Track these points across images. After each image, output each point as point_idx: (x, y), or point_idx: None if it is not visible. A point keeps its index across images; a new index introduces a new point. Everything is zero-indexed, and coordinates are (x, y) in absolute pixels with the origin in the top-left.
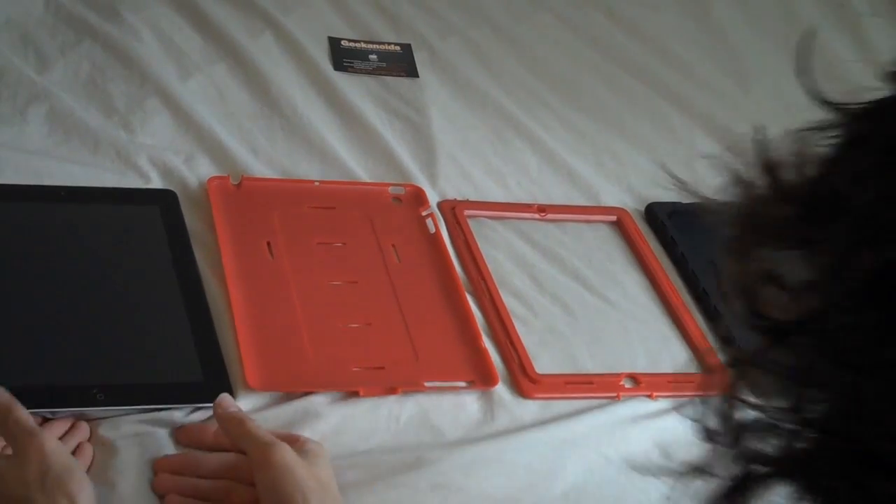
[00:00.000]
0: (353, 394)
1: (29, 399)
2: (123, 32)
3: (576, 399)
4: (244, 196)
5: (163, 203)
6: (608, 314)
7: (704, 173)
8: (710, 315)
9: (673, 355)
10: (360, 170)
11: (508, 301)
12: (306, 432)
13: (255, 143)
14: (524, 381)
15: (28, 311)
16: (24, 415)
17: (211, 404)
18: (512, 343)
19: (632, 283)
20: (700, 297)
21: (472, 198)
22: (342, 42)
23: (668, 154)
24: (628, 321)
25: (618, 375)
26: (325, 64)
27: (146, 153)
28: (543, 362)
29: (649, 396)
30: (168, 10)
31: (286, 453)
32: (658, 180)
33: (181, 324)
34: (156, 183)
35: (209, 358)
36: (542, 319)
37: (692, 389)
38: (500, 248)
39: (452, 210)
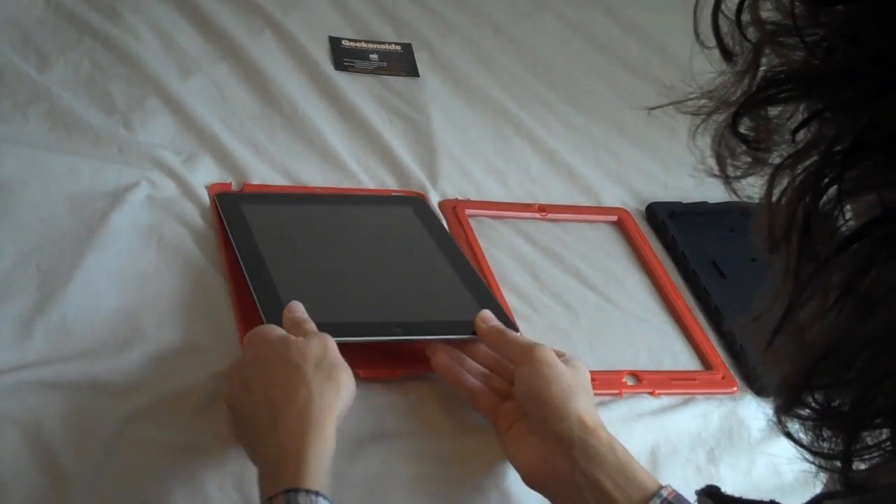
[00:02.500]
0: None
1: (349, 330)
2: (124, 32)
3: None
4: None
5: (414, 205)
6: (609, 312)
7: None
8: (711, 314)
9: (674, 353)
10: (361, 169)
11: (510, 299)
12: None
13: (256, 142)
14: None
15: (344, 278)
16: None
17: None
18: None
19: (633, 281)
20: (701, 297)
21: (473, 197)
22: (343, 42)
23: (668, 154)
24: (629, 320)
25: (619, 373)
26: (326, 63)
27: (147, 152)
28: None
29: (651, 394)
30: (168, 10)
31: (548, 352)
32: (658, 180)
33: (464, 282)
34: (156, 180)
35: (485, 300)
36: (543, 318)
37: (693, 387)
38: (501, 247)
39: (454, 209)
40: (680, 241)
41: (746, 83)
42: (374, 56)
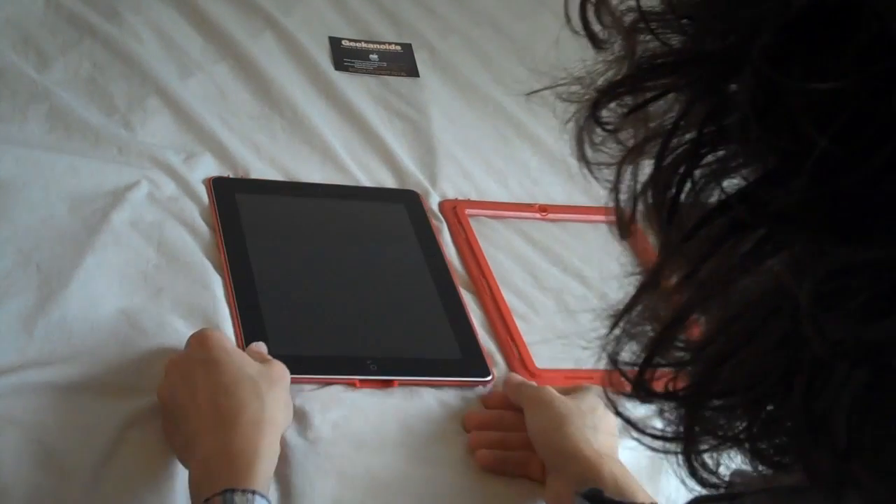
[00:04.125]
0: (350, 385)
1: (311, 367)
2: (124, 32)
3: None
4: None
5: (407, 201)
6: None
7: None
8: None
9: None
10: (361, 169)
11: (510, 299)
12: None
13: (256, 142)
14: (524, 375)
15: (308, 292)
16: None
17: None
18: (512, 338)
19: (631, 281)
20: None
21: (473, 197)
22: (343, 42)
23: None
24: None
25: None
26: (326, 64)
27: (147, 152)
28: (544, 359)
29: None
30: (168, 10)
31: (545, 393)
32: None
33: (438, 310)
34: (156, 179)
35: (465, 339)
36: (543, 317)
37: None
38: (501, 247)
39: (454, 209)
40: None
41: (620, 71)
42: (374, 56)
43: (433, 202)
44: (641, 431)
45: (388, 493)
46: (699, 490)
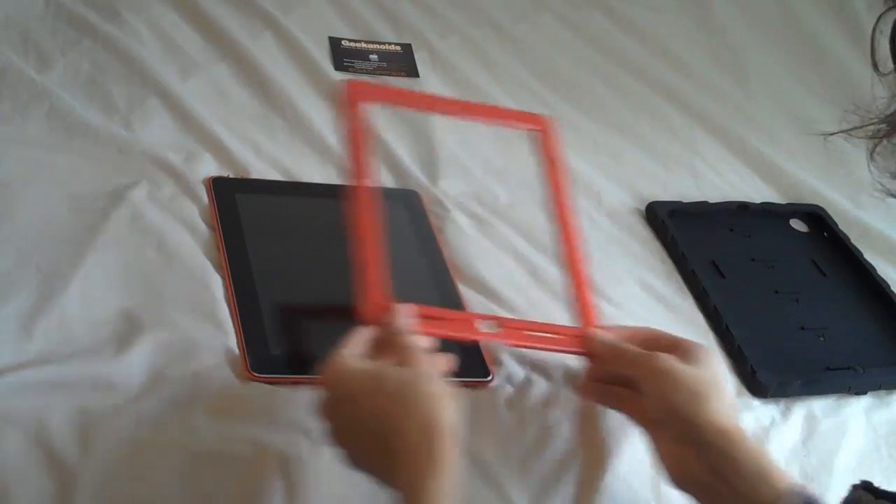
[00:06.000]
0: None
1: (311, 367)
2: (124, 32)
3: None
4: None
5: (407, 200)
6: (609, 312)
7: (705, 173)
8: (710, 314)
9: None
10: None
11: (509, 296)
12: None
13: (256, 142)
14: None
15: (308, 292)
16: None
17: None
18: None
19: (631, 281)
20: (700, 297)
21: (473, 197)
22: (343, 42)
23: (668, 154)
24: (628, 319)
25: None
26: (326, 64)
27: (147, 152)
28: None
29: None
30: (168, 10)
31: (665, 360)
32: (658, 180)
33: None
34: (156, 177)
35: None
36: (541, 315)
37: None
38: (502, 246)
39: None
40: (679, 240)
41: None
42: (374, 56)
43: (433, 201)
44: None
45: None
46: None
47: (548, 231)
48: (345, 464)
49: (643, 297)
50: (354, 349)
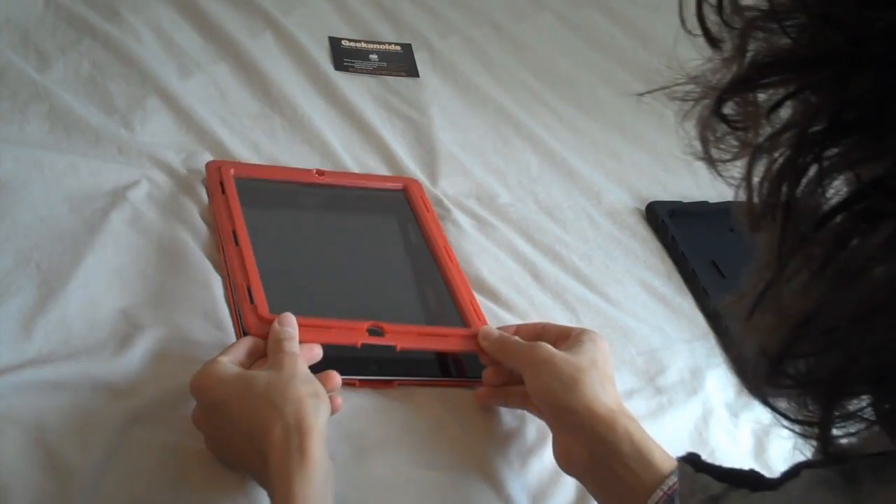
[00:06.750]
0: (350, 385)
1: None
2: (124, 32)
3: None
4: None
5: (405, 198)
6: (608, 312)
7: (705, 173)
8: (710, 314)
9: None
10: (361, 169)
11: (509, 295)
12: None
13: (256, 142)
14: None
15: (307, 291)
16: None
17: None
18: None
19: (631, 281)
20: (700, 297)
21: (472, 197)
22: (343, 42)
23: (668, 154)
24: (628, 319)
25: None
26: (326, 64)
27: (147, 151)
28: None
29: (395, 347)
30: (168, 10)
31: (542, 350)
32: (658, 180)
33: (438, 310)
34: (156, 179)
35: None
36: (542, 317)
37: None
38: (502, 246)
39: (218, 170)
40: (680, 240)
41: (735, 69)
42: (374, 56)
43: (432, 200)
44: (783, 416)
45: (390, 493)
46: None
47: (548, 231)
48: (228, 467)
49: (643, 297)
50: (228, 357)
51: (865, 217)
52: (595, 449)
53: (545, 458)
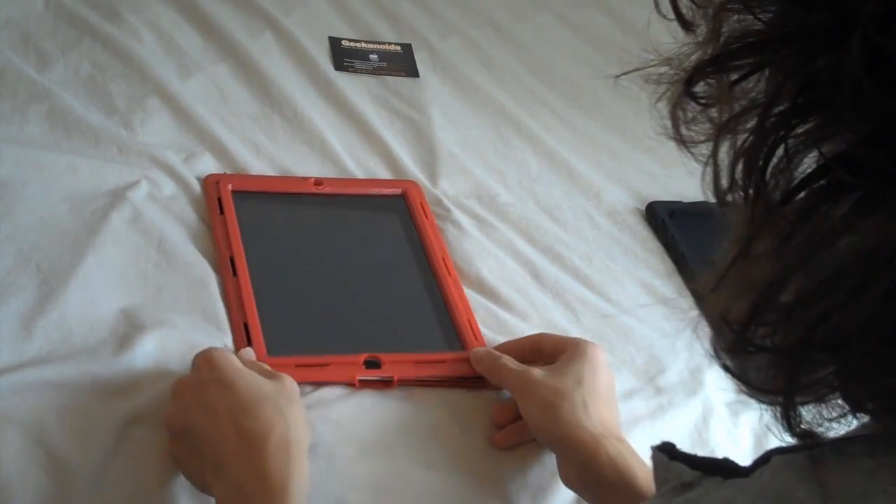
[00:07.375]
0: (350, 385)
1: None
2: (124, 32)
3: None
4: None
5: (403, 199)
6: (608, 312)
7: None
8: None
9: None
10: (361, 170)
11: (509, 295)
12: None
13: (256, 142)
14: None
15: (305, 292)
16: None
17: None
18: None
19: (631, 281)
20: (700, 297)
21: (473, 197)
22: (343, 42)
23: (668, 154)
24: (629, 319)
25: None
26: (326, 64)
27: (147, 152)
28: None
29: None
30: (168, 10)
31: (530, 376)
32: (658, 180)
33: (437, 310)
34: (156, 179)
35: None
36: (542, 317)
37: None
38: (502, 246)
39: (217, 184)
40: (680, 240)
41: (709, 51)
42: (374, 56)
43: (432, 200)
44: (747, 384)
45: (390, 494)
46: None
47: (548, 231)
48: (173, 448)
49: (643, 298)
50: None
51: (829, 191)
52: (581, 475)
53: (545, 459)
